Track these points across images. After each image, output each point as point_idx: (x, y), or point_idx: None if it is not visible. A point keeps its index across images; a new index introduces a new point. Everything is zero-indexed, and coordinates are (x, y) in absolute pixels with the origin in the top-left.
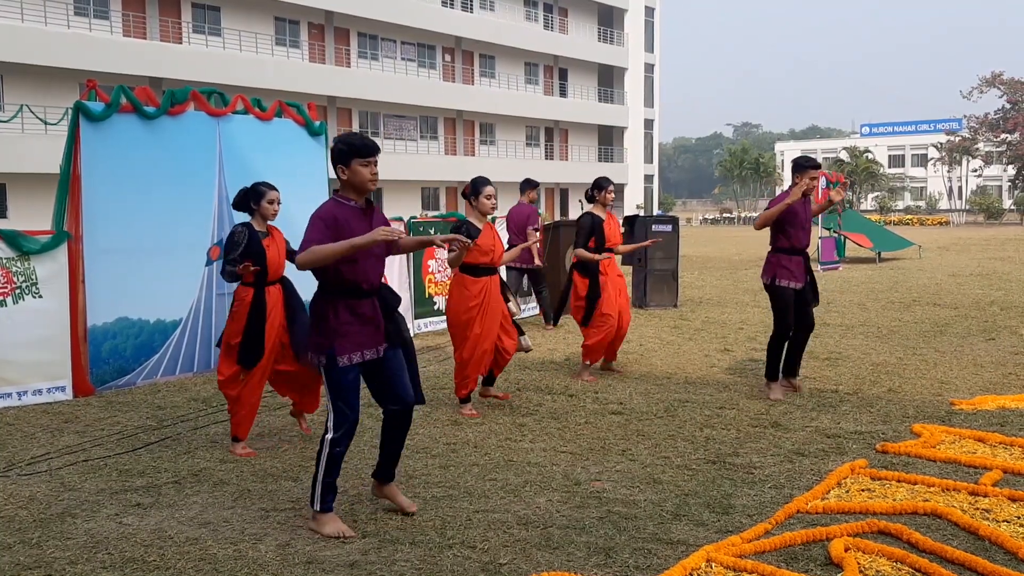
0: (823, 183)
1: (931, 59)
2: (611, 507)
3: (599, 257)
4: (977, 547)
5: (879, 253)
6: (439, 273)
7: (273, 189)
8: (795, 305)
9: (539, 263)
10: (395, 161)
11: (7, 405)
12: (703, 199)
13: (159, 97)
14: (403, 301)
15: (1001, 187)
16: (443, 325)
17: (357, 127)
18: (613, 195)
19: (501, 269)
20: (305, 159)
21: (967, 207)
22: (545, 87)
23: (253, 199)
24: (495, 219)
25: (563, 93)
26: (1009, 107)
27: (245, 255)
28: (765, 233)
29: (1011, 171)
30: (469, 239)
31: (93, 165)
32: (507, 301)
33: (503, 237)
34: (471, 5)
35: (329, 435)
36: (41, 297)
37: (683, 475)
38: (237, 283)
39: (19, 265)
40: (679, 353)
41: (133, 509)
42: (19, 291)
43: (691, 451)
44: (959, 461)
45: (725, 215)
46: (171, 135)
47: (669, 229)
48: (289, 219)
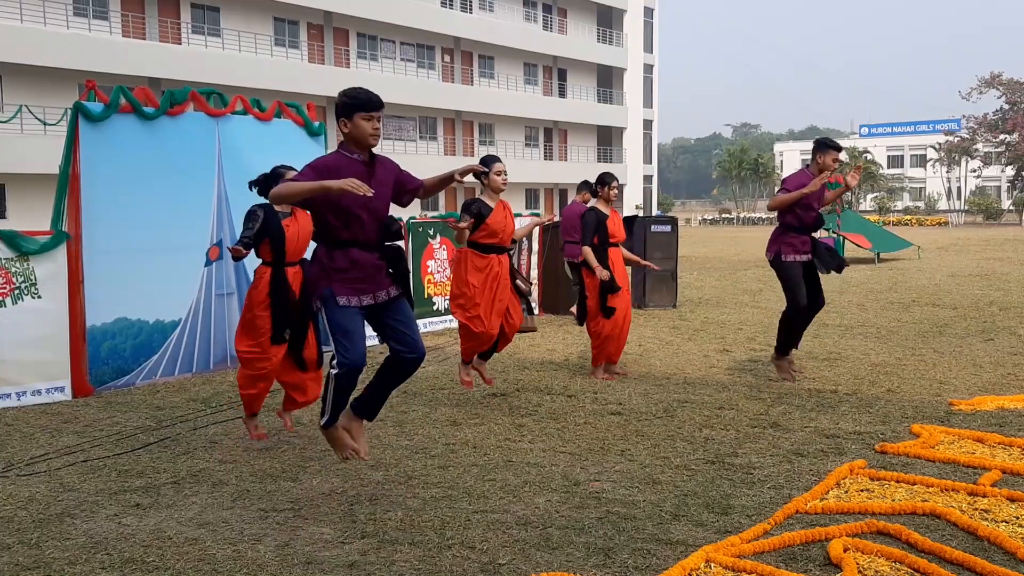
0: None
1: (930, 60)
2: (610, 507)
3: (601, 272)
4: (976, 547)
5: (878, 254)
6: (438, 274)
7: (293, 170)
8: (806, 282)
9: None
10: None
11: (6, 405)
12: (702, 200)
13: (158, 98)
14: None
15: (1000, 187)
16: (443, 325)
17: None
18: (616, 191)
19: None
20: (304, 159)
21: (966, 208)
22: (544, 87)
23: (274, 183)
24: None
25: (562, 94)
26: (1008, 108)
27: (262, 234)
28: (764, 234)
29: (1010, 172)
30: (480, 216)
31: (92, 166)
32: (514, 279)
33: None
34: (470, 6)
35: (334, 371)
36: (40, 297)
37: (682, 475)
38: (240, 261)
39: (18, 265)
40: (678, 353)
41: (132, 510)
42: (18, 291)
43: (690, 451)
44: (958, 461)
45: (724, 215)
46: (170, 136)
47: (668, 229)
48: None
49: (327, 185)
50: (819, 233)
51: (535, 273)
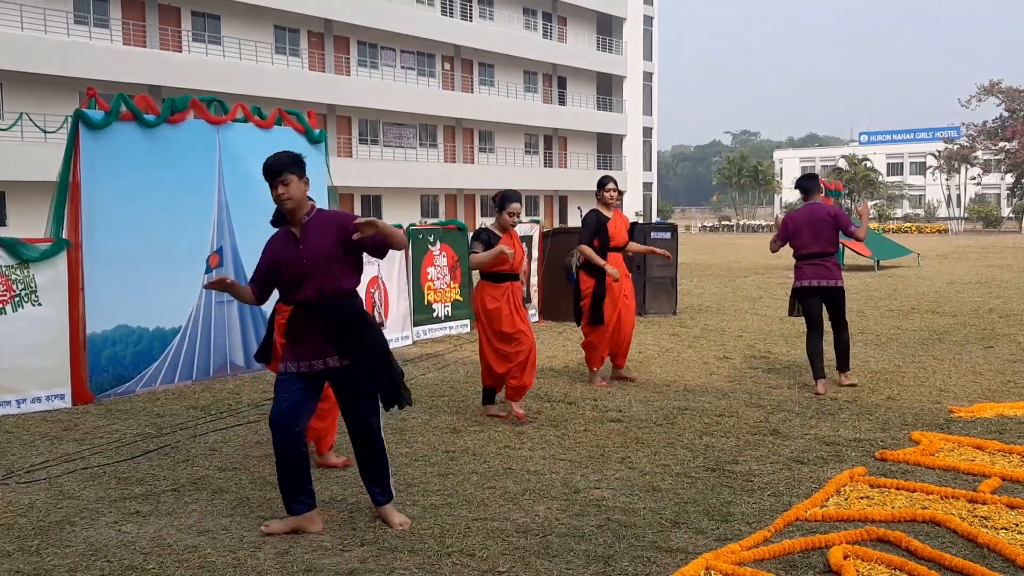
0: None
1: (930, 67)
2: (610, 515)
3: (604, 265)
4: (976, 554)
5: (878, 261)
6: (438, 280)
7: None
8: (818, 306)
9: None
10: (394, 169)
11: (6, 413)
12: (702, 207)
13: (159, 105)
14: (402, 308)
15: (999, 195)
16: (443, 332)
17: (357, 135)
18: (615, 192)
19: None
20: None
21: (965, 215)
22: (544, 95)
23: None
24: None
25: (562, 101)
26: (1007, 115)
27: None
28: (763, 241)
29: (1009, 179)
30: (488, 246)
31: (93, 173)
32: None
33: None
34: (470, 14)
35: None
36: (40, 305)
37: (682, 483)
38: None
39: (18, 273)
40: (678, 360)
41: (132, 517)
42: (18, 299)
43: (690, 459)
44: (958, 469)
45: (724, 223)
46: (171, 143)
47: (668, 236)
48: None
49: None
50: None
51: (535, 280)
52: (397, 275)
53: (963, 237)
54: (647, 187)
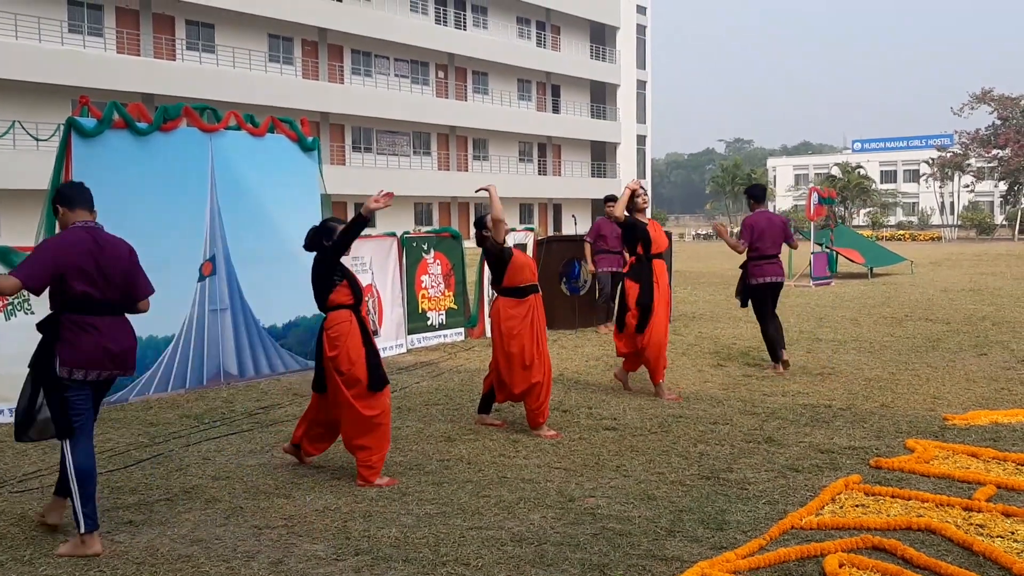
0: (815, 199)
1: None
2: (605, 523)
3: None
4: (971, 562)
5: (871, 268)
6: (432, 289)
7: (342, 223)
8: (770, 298)
9: (591, 268)
10: (388, 177)
11: None
12: (696, 214)
13: (152, 113)
14: (396, 316)
15: (993, 202)
16: (437, 340)
17: (350, 143)
18: (645, 199)
19: None
20: (297, 174)
21: (959, 222)
22: (538, 103)
23: (325, 236)
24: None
25: (556, 109)
26: (1000, 123)
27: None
28: None
29: (1002, 187)
30: (503, 261)
31: (85, 181)
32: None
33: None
34: (464, 23)
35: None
36: (33, 313)
37: (677, 491)
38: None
39: None
40: (672, 368)
41: (125, 527)
42: (11, 307)
43: (685, 467)
44: (953, 476)
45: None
46: (163, 151)
47: None
48: (283, 235)
49: None
50: (813, 247)
51: None
52: (391, 283)
53: (956, 244)
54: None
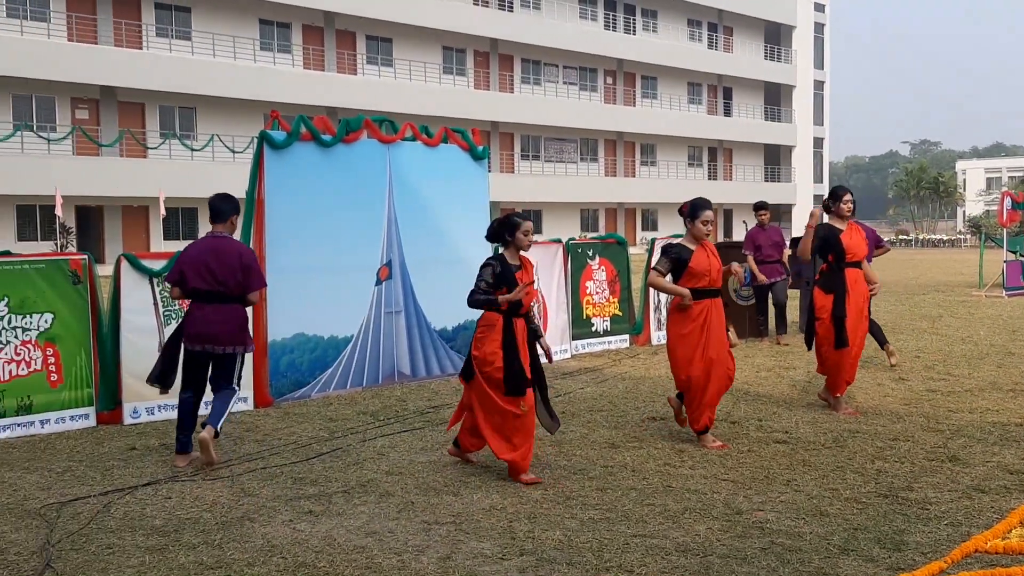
0: (1008, 204)
1: None
2: (774, 538)
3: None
4: None
5: None
6: (597, 295)
7: (527, 220)
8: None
9: (762, 278)
10: (555, 184)
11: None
12: (877, 220)
13: (335, 126)
14: (560, 322)
15: None
16: (601, 347)
17: (519, 150)
18: (851, 205)
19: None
20: (468, 183)
21: None
22: (709, 107)
23: (508, 231)
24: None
25: (727, 112)
26: None
27: (499, 283)
28: (945, 259)
29: None
30: (680, 261)
31: (275, 190)
32: (727, 330)
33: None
34: (634, 27)
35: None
36: None
37: (852, 508)
38: (480, 309)
39: None
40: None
41: (306, 516)
42: None
43: (861, 484)
44: None
45: (901, 237)
46: (345, 161)
47: None
48: (453, 241)
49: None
50: (1006, 255)
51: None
52: (556, 289)
53: None
54: (817, 200)
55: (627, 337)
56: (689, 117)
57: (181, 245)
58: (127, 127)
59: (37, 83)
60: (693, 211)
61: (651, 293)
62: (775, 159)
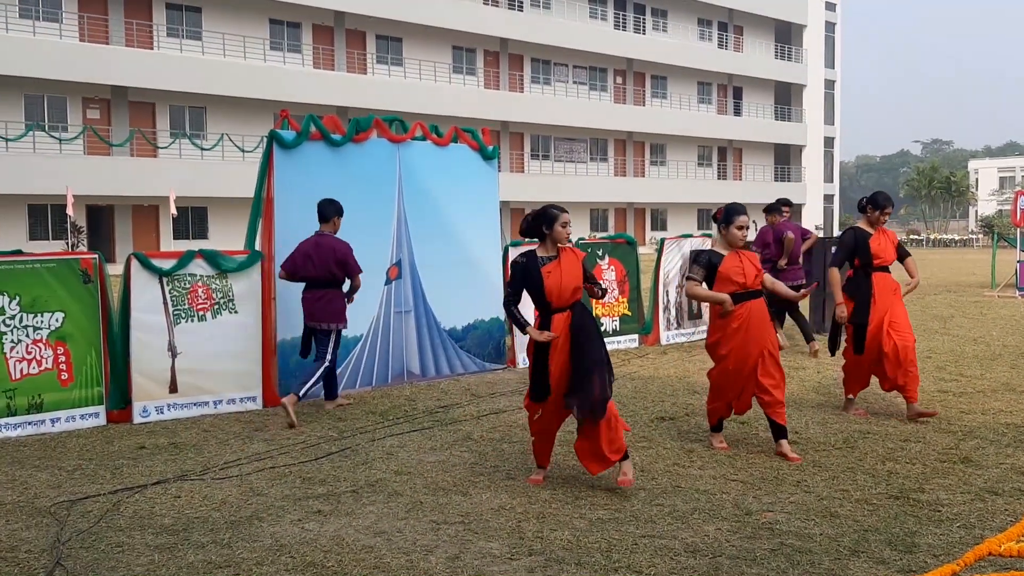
0: (1022, 203)
1: None
2: (784, 539)
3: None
4: None
5: None
6: (607, 295)
7: (565, 212)
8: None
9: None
10: (565, 183)
11: (204, 413)
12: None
13: (345, 125)
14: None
15: None
16: (610, 346)
17: (529, 150)
18: (887, 216)
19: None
20: (478, 183)
21: None
22: (719, 106)
23: (546, 223)
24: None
25: (737, 112)
26: None
27: (521, 284)
28: (957, 259)
29: None
30: (711, 266)
31: (284, 189)
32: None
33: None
34: (643, 27)
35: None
36: (237, 313)
37: (863, 510)
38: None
39: (218, 282)
40: None
41: (314, 515)
42: (217, 307)
43: (872, 485)
44: None
45: (912, 236)
46: (355, 161)
47: None
48: (463, 241)
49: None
50: (1019, 255)
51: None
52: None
53: None
54: (828, 199)
55: (636, 337)
56: (699, 117)
57: (191, 244)
58: (138, 127)
59: (49, 83)
60: (728, 216)
61: (660, 293)
62: (785, 159)
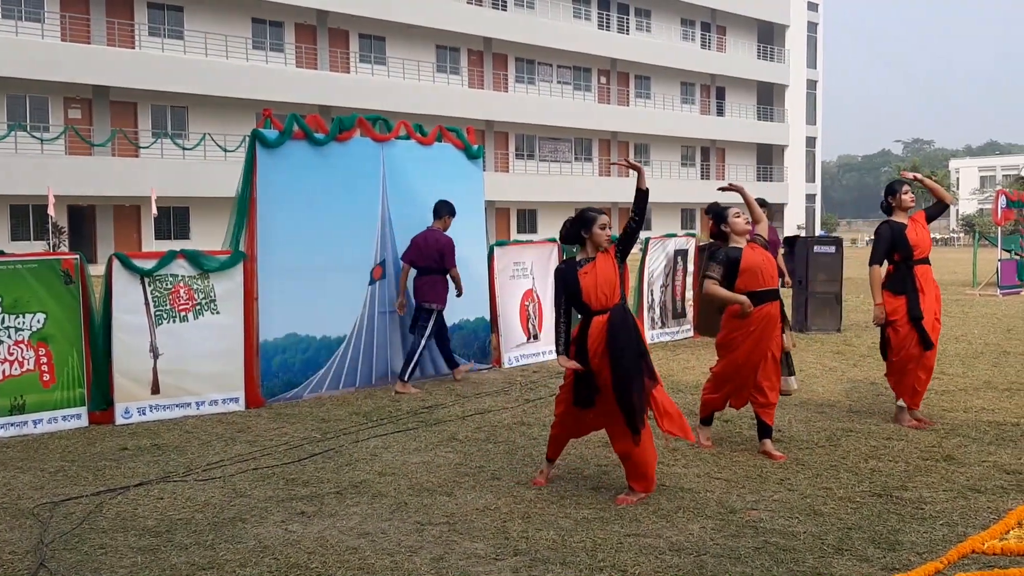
0: (1003, 202)
1: None
2: (768, 537)
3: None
4: None
5: None
6: None
7: (602, 213)
8: None
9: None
10: (549, 183)
11: (186, 414)
12: (869, 219)
13: (328, 124)
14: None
15: None
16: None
17: (513, 150)
18: (911, 195)
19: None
20: (463, 182)
21: None
22: (702, 106)
23: (584, 227)
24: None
25: (720, 112)
26: None
27: (563, 292)
28: (939, 257)
29: None
30: (731, 261)
31: (267, 189)
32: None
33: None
34: (627, 27)
35: None
36: (219, 313)
37: (846, 508)
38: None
39: (199, 283)
40: (842, 380)
41: (298, 517)
42: (199, 307)
43: (855, 483)
44: None
45: None
46: (339, 160)
47: (832, 250)
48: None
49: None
50: (1000, 254)
51: (690, 294)
52: (551, 289)
53: None
54: (810, 199)
55: None
56: (682, 117)
57: (173, 245)
58: (119, 126)
59: (32, 83)
60: (718, 214)
61: (644, 292)
62: (767, 158)
